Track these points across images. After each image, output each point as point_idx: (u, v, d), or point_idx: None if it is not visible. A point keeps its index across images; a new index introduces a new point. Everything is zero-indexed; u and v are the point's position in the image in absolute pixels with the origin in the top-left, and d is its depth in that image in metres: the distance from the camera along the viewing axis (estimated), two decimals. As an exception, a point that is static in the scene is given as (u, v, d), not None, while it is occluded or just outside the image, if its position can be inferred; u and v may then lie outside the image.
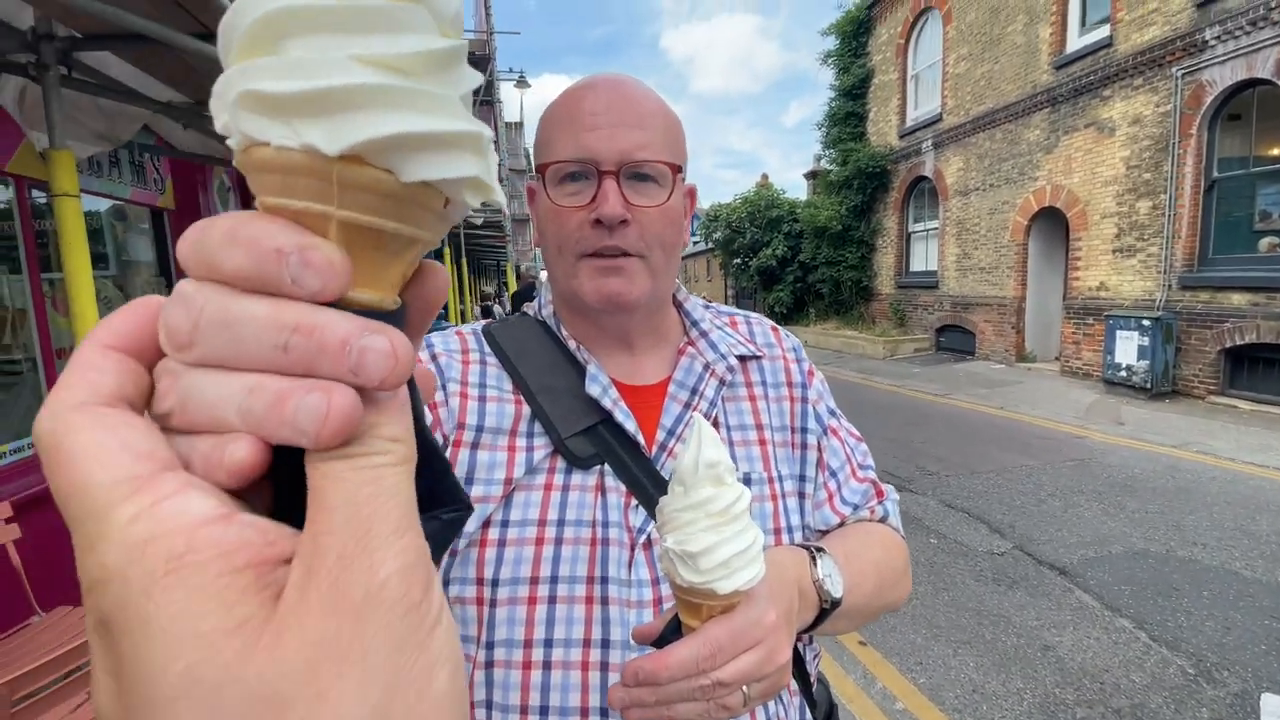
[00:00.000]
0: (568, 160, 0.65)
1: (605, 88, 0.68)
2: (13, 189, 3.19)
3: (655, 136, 0.67)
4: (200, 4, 2.33)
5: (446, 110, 0.20)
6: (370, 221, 0.20)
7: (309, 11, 0.18)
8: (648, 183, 0.67)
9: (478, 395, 0.69)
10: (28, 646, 2.27)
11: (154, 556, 0.16)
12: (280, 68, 0.18)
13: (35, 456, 3.21)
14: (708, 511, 0.47)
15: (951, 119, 11.80)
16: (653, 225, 0.67)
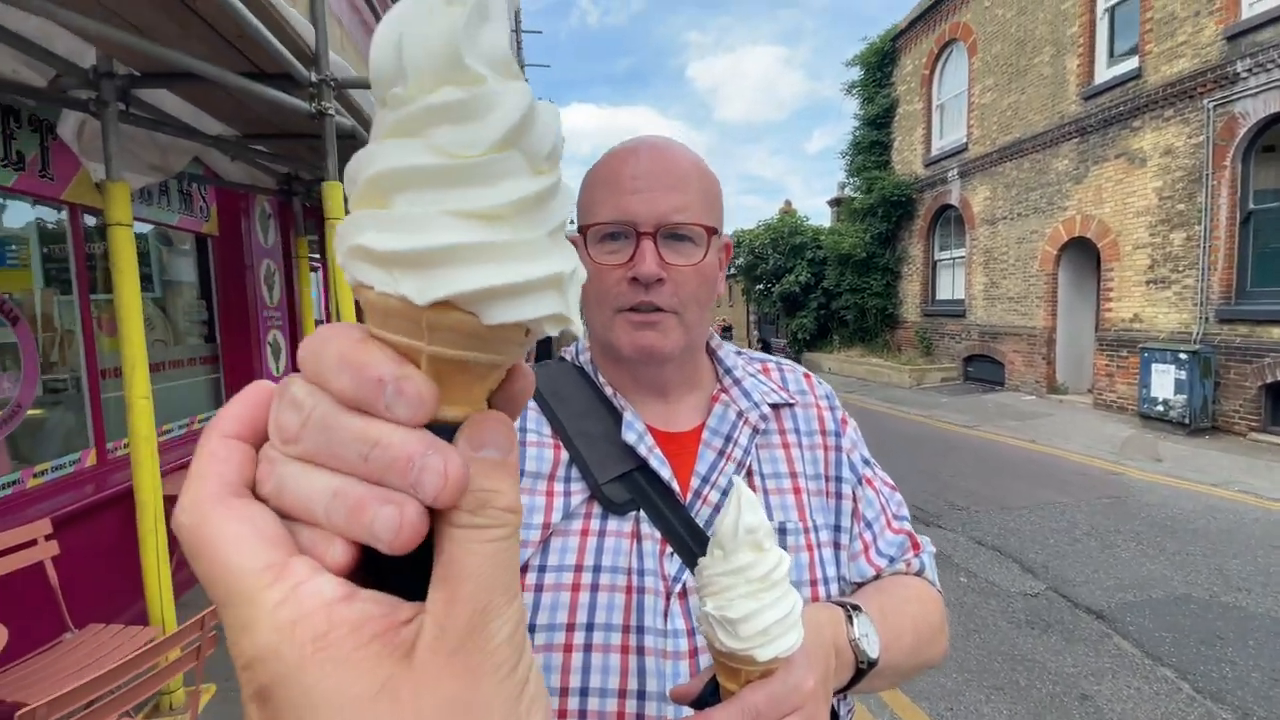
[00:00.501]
0: (608, 222, 0.68)
1: (647, 153, 0.71)
2: (67, 215, 3.34)
3: (692, 199, 0.69)
4: (252, 46, 2.45)
5: (532, 256, 0.22)
6: (456, 355, 0.22)
7: (412, 172, 0.21)
8: (683, 243, 0.69)
9: (518, 440, 0.70)
10: (61, 664, 2.31)
11: (302, 636, 0.19)
12: (386, 222, 0.21)
13: (76, 474, 3.31)
14: (747, 578, 0.47)
15: (977, 148, 11.77)
16: (687, 283, 0.69)
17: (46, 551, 2.56)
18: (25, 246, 3.25)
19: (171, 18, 2.27)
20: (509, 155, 0.21)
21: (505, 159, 0.21)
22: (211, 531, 0.20)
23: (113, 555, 3.22)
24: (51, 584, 2.56)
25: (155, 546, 2.72)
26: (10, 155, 2.84)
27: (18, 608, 2.54)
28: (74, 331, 3.41)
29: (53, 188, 3.12)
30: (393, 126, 0.21)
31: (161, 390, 4.26)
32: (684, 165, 0.71)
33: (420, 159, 0.21)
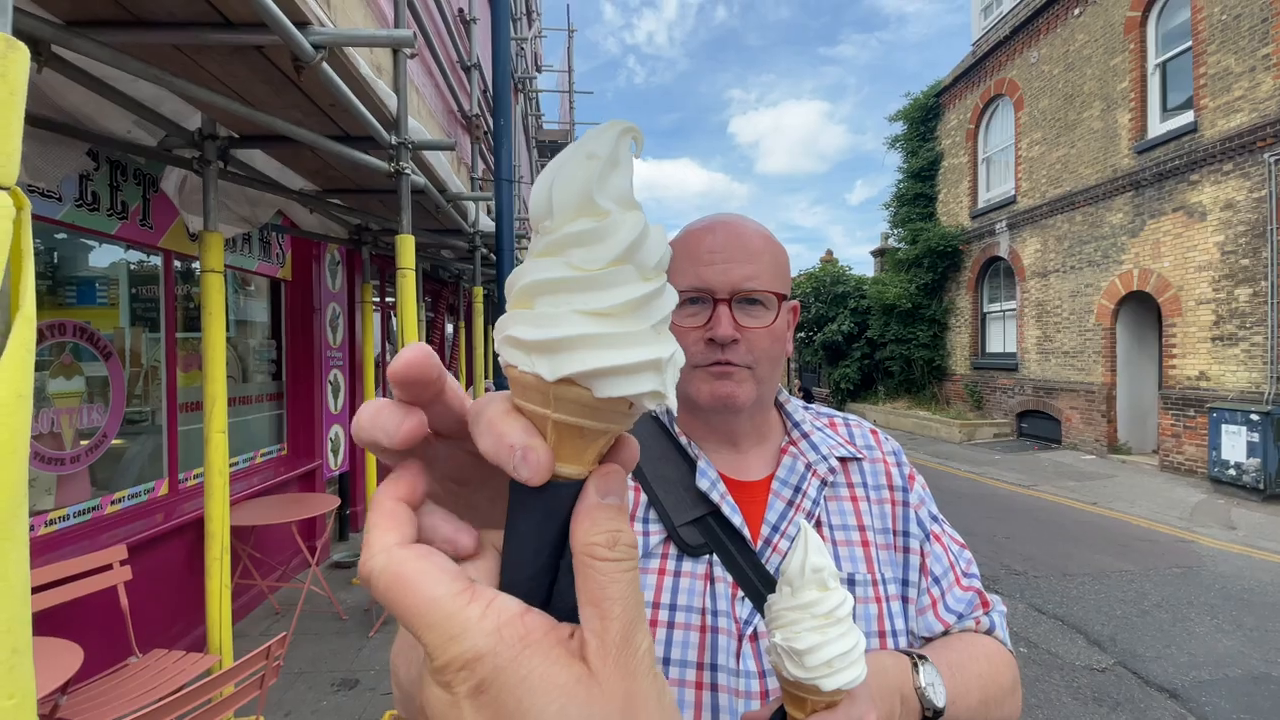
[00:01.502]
0: (687, 290, 0.75)
1: (722, 229, 0.78)
2: (161, 260, 3.63)
3: (763, 269, 0.76)
4: (342, 113, 2.68)
5: (637, 344, 0.27)
6: (574, 421, 0.27)
7: (550, 282, 0.27)
8: (755, 306, 0.76)
9: None
10: (125, 687, 2.41)
11: (510, 637, 0.24)
12: (529, 319, 0.27)
13: (149, 502, 3.49)
14: (813, 613, 0.51)
15: (1026, 201, 11.65)
16: (759, 342, 0.75)
17: (120, 576, 2.70)
18: (114, 287, 3.53)
19: (275, 91, 2.51)
20: (623, 268, 0.27)
21: (620, 271, 0.27)
22: (408, 570, 0.25)
23: (177, 582, 3.36)
24: (122, 607, 2.68)
25: (220, 574, 2.83)
26: (115, 205, 3.13)
27: (90, 629, 2.67)
28: (158, 367, 3.65)
29: (151, 236, 3.41)
30: (542, 249, 0.28)
31: (232, 425, 4.48)
32: (755, 240, 0.78)
33: (557, 273, 0.27)
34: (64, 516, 2.94)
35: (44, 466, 2.83)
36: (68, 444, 2.96)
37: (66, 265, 3.21)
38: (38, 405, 2.83)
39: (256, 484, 4.40)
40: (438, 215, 4.15)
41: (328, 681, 3.38)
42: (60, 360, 2.95)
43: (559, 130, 10.98)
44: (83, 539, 2.99)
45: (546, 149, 11.16)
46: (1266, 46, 7.38)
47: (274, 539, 4.35)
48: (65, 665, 1.96)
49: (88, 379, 3.12)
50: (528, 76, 8.66)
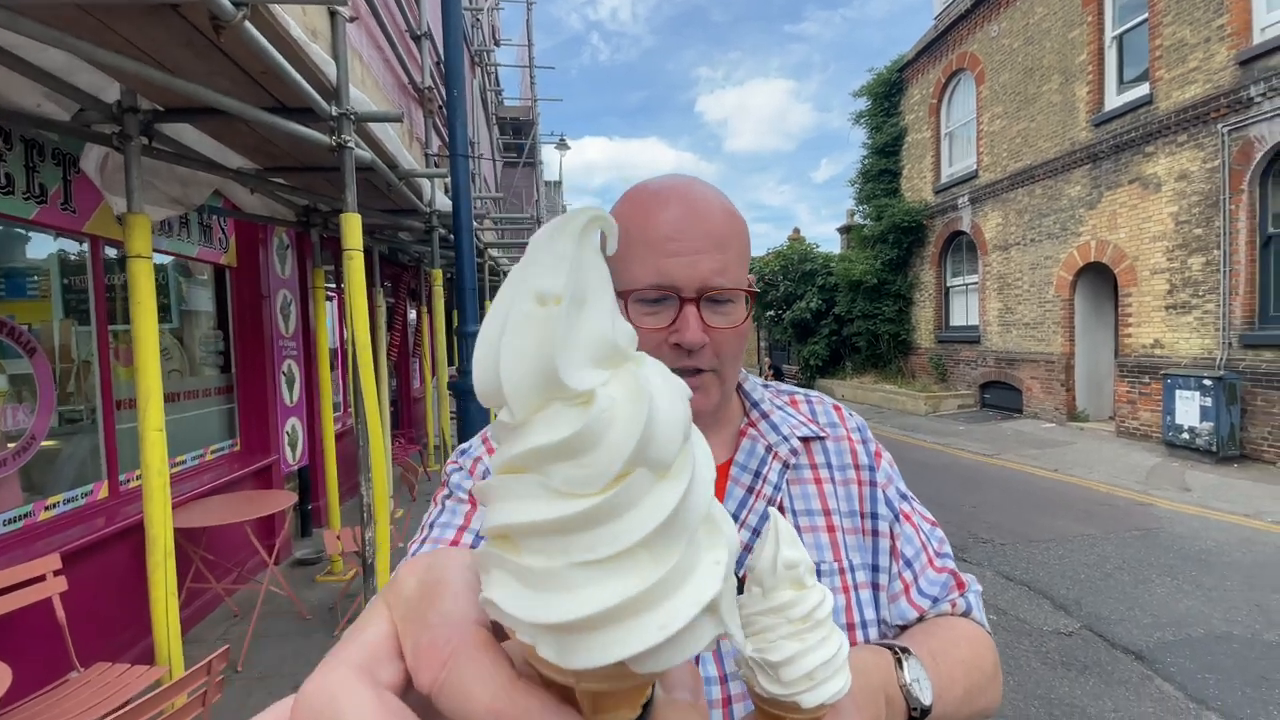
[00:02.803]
0: (649, 288, 0.66)
1: (679, 204, 0.67)
2: (88, 246, 3.37)
3: (731, 259, 0.67)
4: (275, 81, 2.48)
5: (677, 589, 0.20)
6: (606, 688, 0.21)
7: (534, 525, 0.20)
8: (725, 304, 0.68)
9: None
10: (65, 705, 2.25)
11: None
12: (516, 574, 0.20)
13: (87, 506, 3.27)
14: (789, 617, 0.44)
15: (988, 175, 11.79)
16: (728, 343, 0.68)
17: (55, 587, 2.52)
18: (46, 278, 3.28)
19: (197, 55, 2.30)
20: (631, 480, 0.20)
21: (627, 486, 0.20)
22: None
23: (121, 591, 3.17)
24: (59, 621, 2.50)
25: (164, 581, 2.66)
26: (33, 188, 2.87)
27: (24, 645, 2.49)
28: (91, 362, 3.41)
29: (74, 220, 3.15)
30: (509, 461, 0.21)
31: (177, 421, 4.25)
32: (720, 220, 0.68)
33: (540, 509, 0.20)
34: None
35: (-38, 473, 2.61)
36: (-11, 448, 2.73)
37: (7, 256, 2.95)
38: (-49, 407, 2.60)
39: (208, 482, 4.19)
40: (390, 194, 3.95)
41: (290, 684, 3.23)
42: (-25, 357, 2.72)
43: (521, 106, 10.63)
44: (15, 548, 2.78)
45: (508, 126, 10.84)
46: (1221, 18, 7.50)
47: (228, 539, 4.16)
48: (-14, 689, 1.80)
49: (10, 376, 2.88)
50: (485, 49, 8.35)
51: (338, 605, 4.02)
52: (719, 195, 0.70)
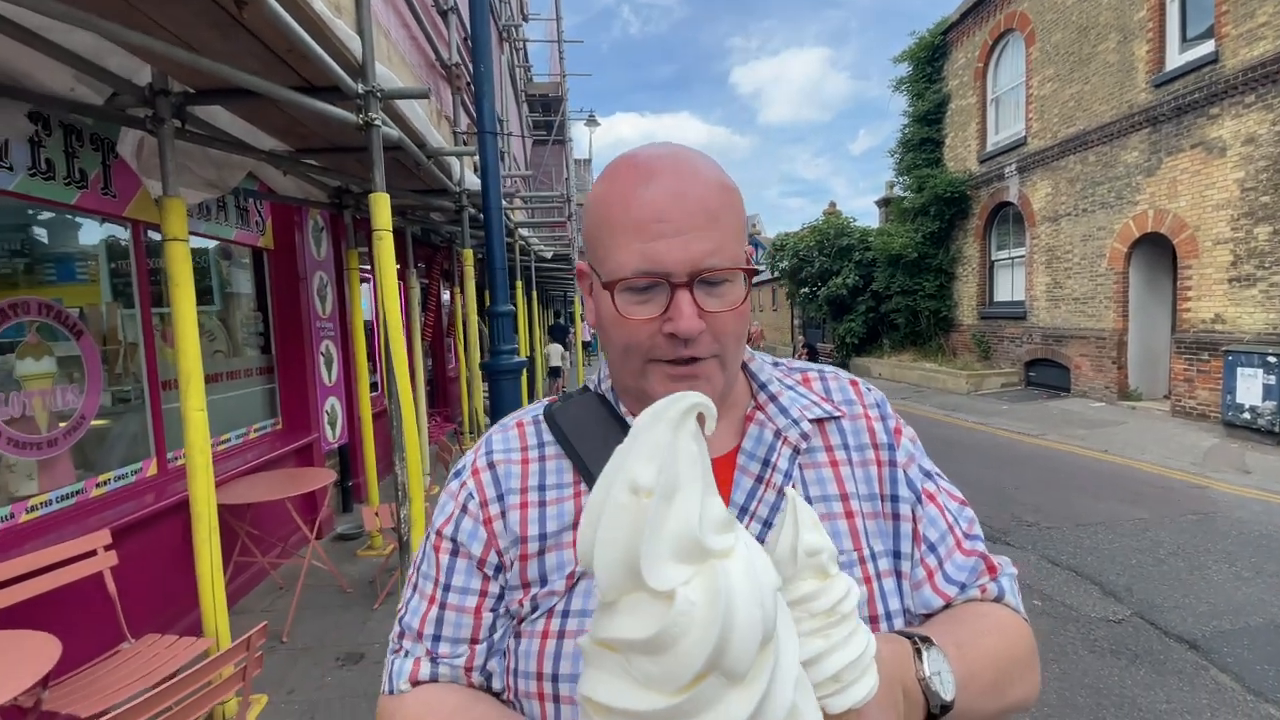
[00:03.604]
0: (636, 275, 0.60)
1: (667, 179, 0.60)
2: (130, 231, 3.45)
3: (727, 236, 0.61)
4: (301, 60, 2.45)
5: None
6: None
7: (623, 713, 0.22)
8: (721, 285, 0.62)
9: (538, 500, 0.67)
10: (117, 674, 2.34)
11: None
12: None
13: (137, 484, 3.39)
14: (811, 611, 0.40)
15: (1037, 142, 11.24)
16: (726, 327, 0.62)
17: (105, 562, 2.61)
18: (94, 262, 3.37)
19: (223, 34, 2.29)
20: (707, 684, 0.21)
21: (699, 693, 0.21)
22: None
23: (170, 565, 3.29)
24: (110, 594, 2.60)
25: (209, 556, 2.74)
26: (73, 173, 2.93)
27: (77, 617, 2.60)
28: (137, 344, 3.51)
29: (115, 205, 3.22)
30: (600, 638, 0.24)
31: (221, 401, 4.37)
32: (712, 193, 0.61)
33: (623, 695, 0.22)
34: (46, 502, 2.84)
35: (19, 451, 2.72)
36: (43, 427, 2.84)
37: (47, 241, 3.04)
38: (6, 388, 2.70)
39: (251, 460, 4.31)
40: (419, 173, 3.93)
41: (332, 656, 3.34)
42: (27, 340, 2.81)
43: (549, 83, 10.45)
44: (69, 524, 2.90)
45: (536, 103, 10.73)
46: (1297, -36, 6.93)
47: (273, 515, 4.28)
48: (43, 658, 1.87)
49: (59, 359, 2.98)
50: (513, 25, 8.24)
51: (377, 579, 4.12)
52: (710, 164, 0.64)
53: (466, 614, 0.65)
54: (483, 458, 0.70)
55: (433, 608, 0.66)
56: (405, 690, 0.64)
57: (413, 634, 0.66)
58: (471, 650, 0.65)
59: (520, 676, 0.63)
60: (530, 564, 0.64)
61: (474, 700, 0.63)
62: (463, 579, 0.66)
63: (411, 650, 0.66)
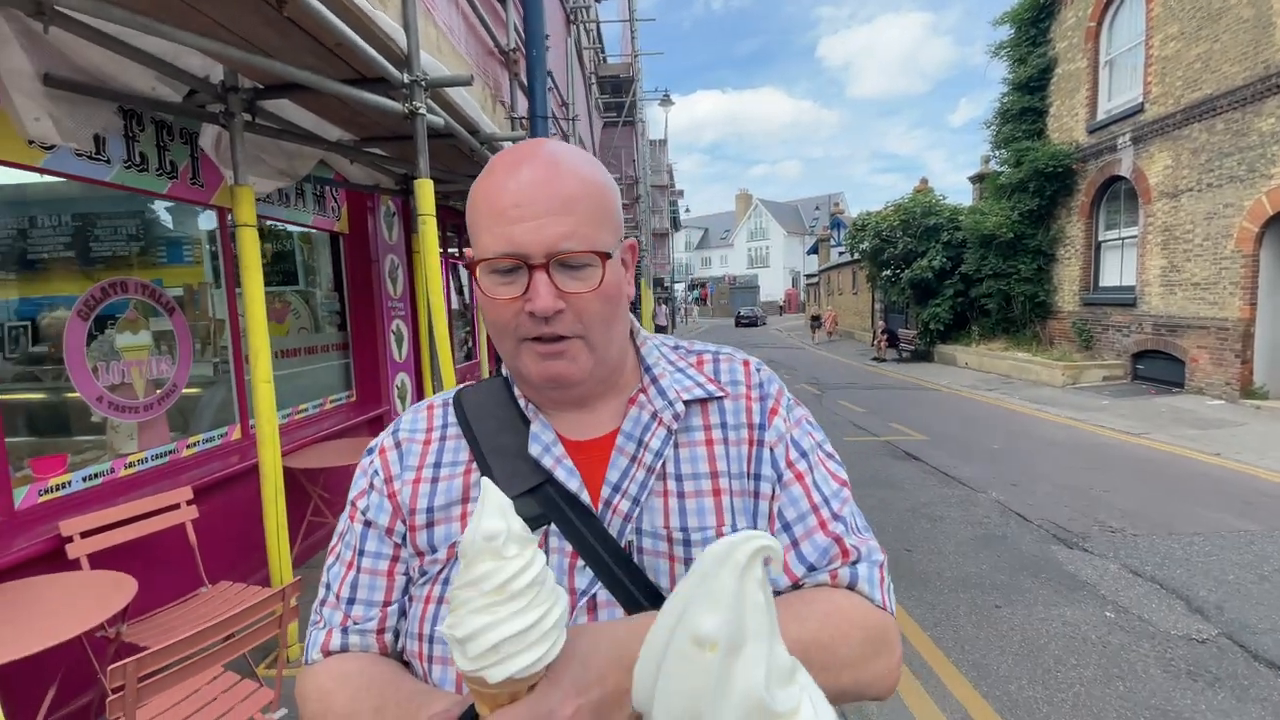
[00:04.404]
0: (497, 256, 0.65)
1: (529, 172, 0.66)
2: (215, 218, 3.78)
3: (581, 222, 0.65)
4: (350, 53, 2.58)
5: None
6: None
7: None
8: (580, 269, 0.66)
9: (430, 477, 0.72)
10: (192, 615, 2.63)
11: None
12: None
13: (222, 446, 3.75)
14: (482, 589, 0.43)
15: (1156, 109, 10.12)
16: (588, 307, 0.66)
17: (187, 515, 2.92)
18: (186, 246, 3.73)
19: (280, 32, 2.45)
20: None
21: None
22: None
23: (249, 520, 3.62)
24: (191, 544, 2.91)
25: (275, 515, 3.01)
26: (164, 165, 3.24)
27: (164, 561, 2.92)
28: (224, 321, 3.86)
29: (202, 194, 3.53)
30: None
31: (301, 373, 4.75)
32: (570, 182, 0.66)
33: None
34: (143, 459, 3.20)
35: (119, 414, 3.07)
36: (140, 393, 3.19)
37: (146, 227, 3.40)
38: (109, 359, 3.04)
39: (326, 428, 4.66)
40: (474, 159, 4.05)
41: (387, 614, 3.58)
42: (126, 316, 3.15)
43: (621, 64, 10.40)
44: (163, 479, 3.25)
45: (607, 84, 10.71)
46: None
47: (343, 480, 4.61)
48: (121, 595, 2.13)
49: (155, 333, 3.32)
50: (581, 5, 8.26)
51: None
52: (577, 157, 0.69)
53: (380, 576, 0.70)
54: (390, 437, 0.76)
55: (350, 572, 0.72)
56: (317, 659, 0.70)
57: (333, 598, 0.72)
58: (384, 613, 0.70)
59: (408, 637, 0.68)
60: (419, 534, 0.69)
61: (375, 665, 0.67)
62: (375, 545, 0.71)
63: (328, 620, 0.71)
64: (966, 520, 4.89)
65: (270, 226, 4.46)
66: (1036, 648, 3.14)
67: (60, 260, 2.96)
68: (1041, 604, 3.56)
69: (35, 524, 2.55)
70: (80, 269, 3.02)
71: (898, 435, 8.01)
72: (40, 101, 2.22)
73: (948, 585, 3.84)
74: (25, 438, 2.77)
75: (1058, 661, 3.01)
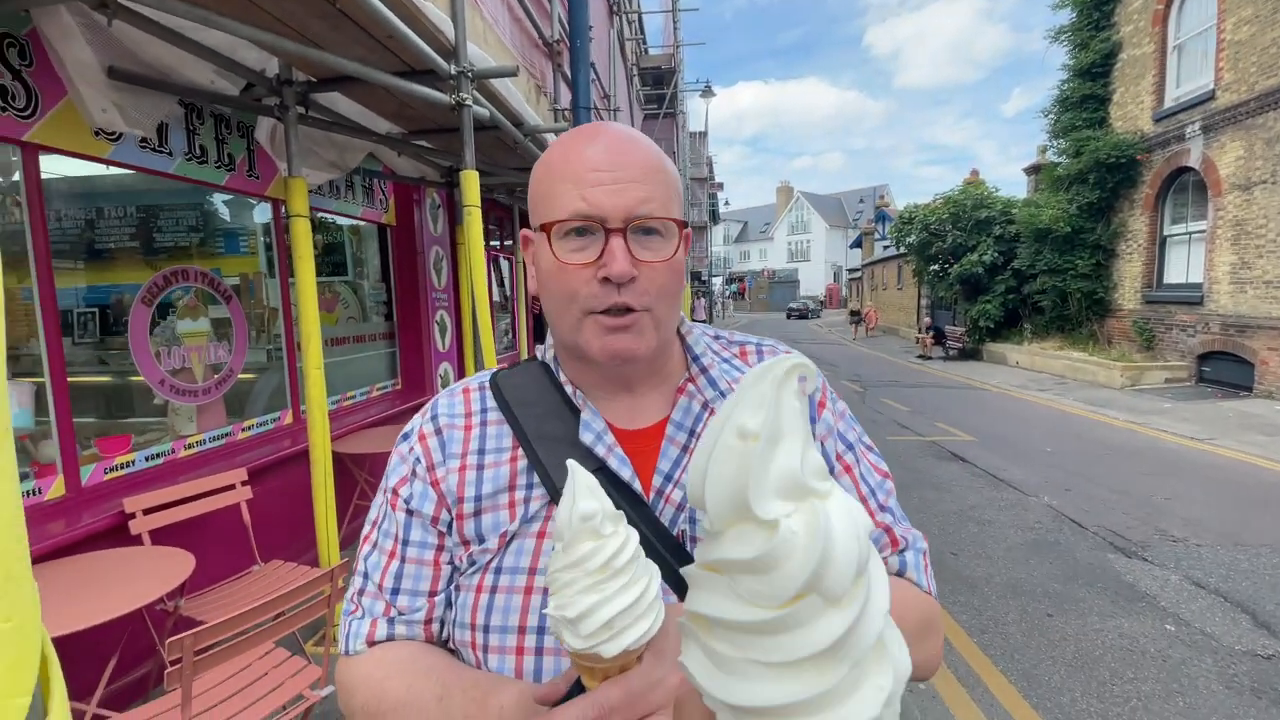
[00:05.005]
0: (572, 217, 0.64)
1: (608, 140, 0.67)
2: (270, 209, 3.89)
3: (658, 190, 0.66)
4: (400, 45, 2.62)
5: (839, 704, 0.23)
6: None
7: (723, 621, 0.25)
8: (654, 237, 0.66)
9: (476, 464, 0.71)
10: (246, 591, 2.73)
11: None
12: (707, 652, 0.26)
13: (276, 430, 3.88)
14: (586, 569, 0.44)
15: (1229, 96, 9.53)
16: (658, 278, 0.66)
17: (242, 495, 3.03)
18: (243, 237, 3.86)
19: (333, 26, 2.49)
20: (805, 603, 0.24)
21: (800, 608, 0.24)
22: None
23: (297, 502, 3.75)
24: (245, 523, 3.02)
25: (324, 498, 3.09)
26: (223, 157, 3.35)
27: (219, 539, 3.04)
28: (278, 310, 3.99)
29: (258, 185, 3.65)
30: (708, 561, 0.27)
31: (350, 361, 4.88)
32: (649, 157, 0.67)
33: (729, 609, 0.25)
34: (201, 441, 3.33)
35: (179, 397, 3.20)
36: (199, 378, 3.32)
37: (206, 218, 3.54)
38: (170, 344, 3.17)
39: (373, 415, 4.77)
40: (518, 150, 4.08)
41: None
42: (186, 303, 3.28)
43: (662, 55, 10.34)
44: (220, 460, 3.39)
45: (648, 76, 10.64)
46: None
47: (388, 466, 4.73)
48: (179, 570, 2.22)
49: (213, 320, 3.45)
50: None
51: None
52: (651, 143, 0.70)
53: (426, 566, 0.69)
54: (429, 423, 0.74)
55: (393, 561, 0.69)
56: (361, 651, 0.67)
57: (374, 588, 0.69)
58: (430, 603, 0.68)
59: (457, 626, 0.67)
60: (467, 523, 0.68)
61: (427, 653, 0.66)
62: (419, 534, 0.70)
63: (369, 610, 0.69)
64: (1017, 525, 4.72)
65: (321, 218, 4.59)
66: (1091, 659, 3.01)
67: (126, 250, 3.10)
68: (1097, 614, 3.41)
69: (101, 501, 2.69)
70: (144, 258, 3.16)
71: (944, 435, 7.79)
72: (106, 93, 2.32)
73: (996, 591, 3.71)
74: (92, 419, 2.92)
75: (1114, 674, 2.88)
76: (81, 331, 2.90)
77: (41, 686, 0.22)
